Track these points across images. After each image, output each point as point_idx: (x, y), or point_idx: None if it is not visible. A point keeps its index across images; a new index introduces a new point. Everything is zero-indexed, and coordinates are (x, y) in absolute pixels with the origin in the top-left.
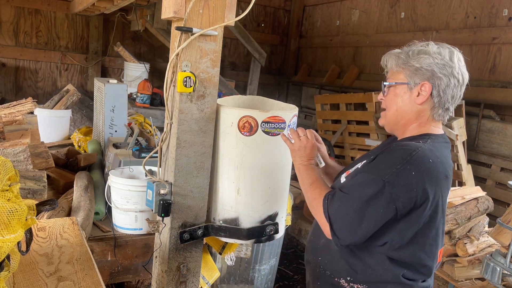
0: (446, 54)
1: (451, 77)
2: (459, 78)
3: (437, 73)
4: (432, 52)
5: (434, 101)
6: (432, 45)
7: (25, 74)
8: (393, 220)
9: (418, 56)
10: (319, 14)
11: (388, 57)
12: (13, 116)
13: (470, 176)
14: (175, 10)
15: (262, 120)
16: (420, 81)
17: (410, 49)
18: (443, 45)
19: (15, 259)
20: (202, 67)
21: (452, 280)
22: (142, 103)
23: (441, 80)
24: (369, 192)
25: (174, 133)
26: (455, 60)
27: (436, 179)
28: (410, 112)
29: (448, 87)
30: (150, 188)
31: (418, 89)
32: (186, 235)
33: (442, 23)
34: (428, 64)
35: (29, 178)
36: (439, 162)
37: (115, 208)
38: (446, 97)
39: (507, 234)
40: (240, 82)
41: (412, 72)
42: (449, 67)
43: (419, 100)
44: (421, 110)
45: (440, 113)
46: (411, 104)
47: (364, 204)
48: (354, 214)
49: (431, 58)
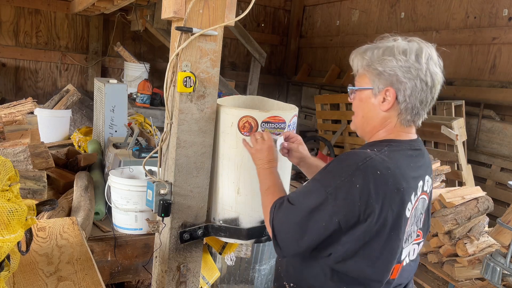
0: (413, 54)
1: (418, 80)
2: (427, 80)
3: (400, 77)
4: (396, 53)
5: (401, 107)
6: (399, 42)
7: (25, 74)
8: (338, 232)
9: (382, 57)
10: (319, 14)
11: (354, 56)
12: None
13: (470, 176)
14: (175, 10)
15: (262, 120)
16: (384, 86)
17: (377, 47)
18: (412, 42)
19: (15, 259)
20: (202, 67)
21: (452, 280)
22: (142, 103)
23: (405, 85)
24: (311, 203)
25: (174, 133)
26: (423, 61)
27: (384, 193)
28: (375, 118)
29: (414, 91)
30: (150, 188)
31: (382, 94)
32: (186, 235)
33: (442, 23)
34: (391, 68)
35: (29, 178)
36: (389, 174)
37: (115, 208)
38: (414, 102)
39: (507, 234)
40: (240, 82)
41: (375, 76)
42: (414, 69)
43: (384, 107)
44: (386, 117)
45: (408, 119)
46: (377, 111)
47: (306, 217)
48: (296, 226)
49: (395, 61)
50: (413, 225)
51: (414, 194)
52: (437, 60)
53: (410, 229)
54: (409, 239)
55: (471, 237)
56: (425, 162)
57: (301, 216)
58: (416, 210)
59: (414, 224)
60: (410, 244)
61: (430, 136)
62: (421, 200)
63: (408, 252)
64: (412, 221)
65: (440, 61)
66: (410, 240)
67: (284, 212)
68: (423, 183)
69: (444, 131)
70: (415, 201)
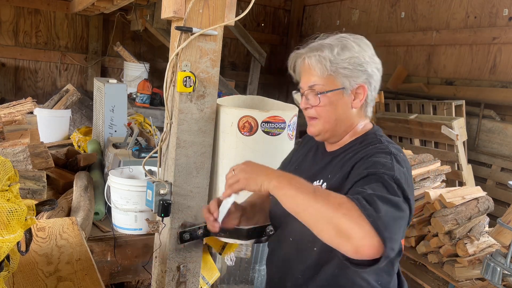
0: (362, 45)
1: (377, 70)
2: (379, 67)
3: (369, 71)
4: (354, 47)
5: (368, 100)
6: (351, 39)
7: (25, 74)
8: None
9: (344, 55)
10: (319, 14)
11: (308, 59)
12: (13, 116)
13: (471, 176)
14: (175, 10)
15: (262, 120)
16: (356, 84)
17: (329, 46)
18: (359, 37)
19: (15, 259)
20: (202, 67)
21: (452, 280)
22: (142, 103)
23: (372, 77)
24: (396, 199)
25: (174, 133)
26: (370, 49)
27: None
28: (348, 118)
29: (377, 82)
30: (150, 188)
31: (353, 92)
32: (186, 235)
33: (442, 23)
34: (360, 64)
35: (29, 178)
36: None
37: (114, 208)
38: (375, 94)
39: (507, 234)
40: (240, 82)
41: (346, 76)
42: (372, 61)
43: (357, 104)
44: (358, 114)
45: (369, 110)
46: (348, 110)
47: (399, 213)
48: (396, 222)
49: (361, 57)
50: None
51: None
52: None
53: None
54: None
55: (471, 237)
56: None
57: (397, 213)
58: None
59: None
60: None
61: (430, 136)
62: None
63: None
64: None
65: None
66: None
67: (385, 206)
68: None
69: (445, 131)
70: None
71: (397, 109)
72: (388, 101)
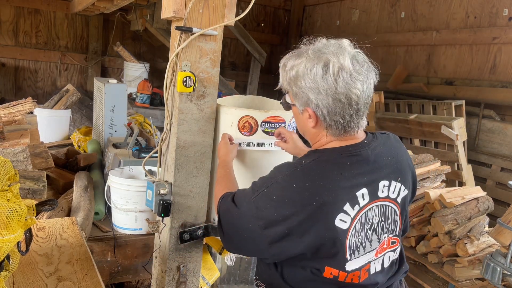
0: (319, 70)
1: (329, 98)
2: (340, 98)
3: (312, 98)
4: (304, 71)
5: (325, 124)
6: (307, 56)
7: (25, 74)
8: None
9: (293, 76)
10: (319, 14)
11: (280, 67)
12: (13, 116)
13: (470, 176)
14: (175, 10)
15: (262, 120)
16: (302, 106)
17: (288, 61)
18: (319, 54)
19: (15, 259)
20: (202, 67)
21: (452, 280)
22: (142, 103)
23: (318, 105)
24: (242, 208)
25: (174, 133)
26: (330, 79)
27: (301, 205)
28: (308, 133)
29: (331, 110)
30: (150, 188)
31: (305, 113)
32: (186, 235)
33: (442, 23)
34: (302, 89)
35: (29, 178)
36: (305, 188)
37: (114, 208)
38: (334, 118)
39: (507, 234)
40: (240, 82)
41: (294, 96)
42: (323, 89)
43: (310, 124)
44: (317, 132)
45: (338, 133)
46: (307, 126)
47: (237, 218)
48: (232, 225)
49: (303, 81)
50: (368, 233)
51: (351, 204)
52: (352, 68)
53: (358, 239)
54: (360, 250)
55: (471, 237)
56: (375, 166)
57: (233, 217)
58: (366, 218)
59: (372, 233)
60: (367, 254)
61: (430, 136)
62: (376, 208)
63: (372, 261)
64: (359, 231)
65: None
66: (364, 250)
67: (227, 210)
68: (376, 189)
69: (444, 131)
70: (358, 210)
71: (397, 109)
72: (388, 101)
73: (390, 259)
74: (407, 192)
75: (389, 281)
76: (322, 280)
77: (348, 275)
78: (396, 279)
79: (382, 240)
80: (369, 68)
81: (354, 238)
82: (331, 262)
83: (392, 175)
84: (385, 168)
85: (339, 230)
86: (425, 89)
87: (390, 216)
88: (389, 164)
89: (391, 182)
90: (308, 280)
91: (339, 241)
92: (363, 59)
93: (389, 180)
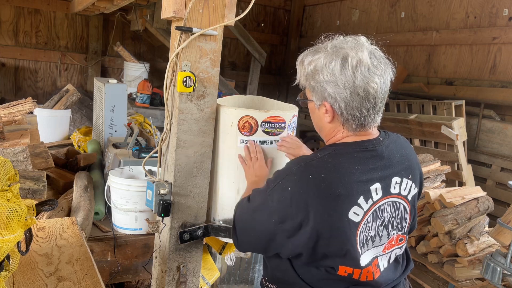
0: (338, 64)
1: (347, 92)
2: (358, 91)
3: (330, 92)
4: (322, 65)
5: (342, 118)
6: (326, 51)
7: (25, 74)
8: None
9: (311, 71)
10: (319, 14)
11: (297, 65)
12: (13, 116)
13: (470, 176)
14: (175, 10)
15: (262, 120)
16: (320, 101)
17: (306, 58)
18: (338, 49)
19: (15, 259)
20: (202, 67)
21: (452, 280)
22: (142, 103)
23: (336, 98)
24: (256, 203)
25: (174, 133)
26: (348, 72)
27: (316, 197)
28: (325, 128)
29: (348, 103)
30: (150, 188)
31: (322, 107)
32: (186, 235)
33: (442, 23)
34: (320, 83)
35: (29, 178)
36: (321, 179)
37: (114, 208)
38: (351, 112)
39: (507, 234)
40: (240, 82)
41: (311, 91)
42: (341, 82)
43: (327, 119)
44: (333, 127)
45: (354, 127)
46: (323, 122)
47: (251, 215)
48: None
49: (321, 75)
50: (379, 229)
51: (365, 197)
52: (370, 63)
53: (368, 233)
54: (368, 244)
55: (471, 237)
56: (388, 163)
57: (248, 214)
58: (379, 214)
59: (383, 228)
60: (375, 248)
61: (430, 136)
62: (388, 204)
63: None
64: (370, 225)
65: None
66: (372, 244)
67: (242, 207)
68: (388, 185)
69: (444, 131)
70: (371, 205)
71: (397, 109)
72: (388, 101)
73: (396, 255)
74: (416, 190)
75: (399, 278)
76: (338, 278)
77: (362, 271)
78: (405, 276)
79: (391, 237)
80: (386, 64)
81: (365, 232)
82: (344, 260)
83: (403, 172)
84: (397, 165)
85: (351, 222)
86: (425, 89)
87: (400, 213)
88: (400, 161)
89: (403, 179)
90: (323, 278)
91: (351, 233)
92: (380, 55)
93: (401, 177)
